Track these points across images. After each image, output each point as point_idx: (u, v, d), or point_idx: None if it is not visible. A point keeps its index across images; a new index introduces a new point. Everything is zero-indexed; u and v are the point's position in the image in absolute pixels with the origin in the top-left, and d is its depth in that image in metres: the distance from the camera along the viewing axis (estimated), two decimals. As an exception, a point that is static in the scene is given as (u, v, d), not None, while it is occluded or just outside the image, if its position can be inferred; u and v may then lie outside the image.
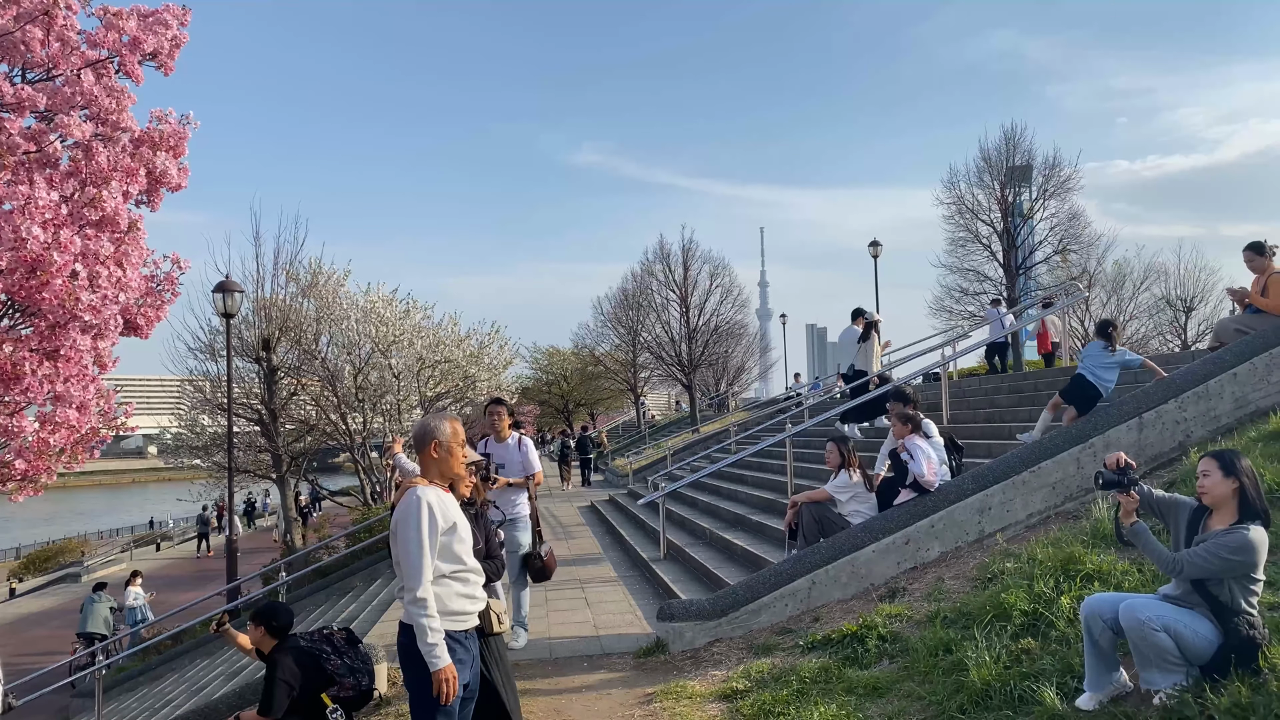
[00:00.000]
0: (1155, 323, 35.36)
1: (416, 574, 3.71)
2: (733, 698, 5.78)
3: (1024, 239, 32.38)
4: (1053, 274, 32.74)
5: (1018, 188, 32.69)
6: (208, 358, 24.30)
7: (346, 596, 14.76)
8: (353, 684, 5.43)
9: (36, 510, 52.24)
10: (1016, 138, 32.18)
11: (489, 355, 26.13)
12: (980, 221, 32.67)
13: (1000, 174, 32.29)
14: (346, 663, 5.48)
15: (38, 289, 5.03)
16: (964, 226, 33.06)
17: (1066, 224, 32.20)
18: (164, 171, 6.28)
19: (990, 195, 32.58)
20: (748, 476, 13.82)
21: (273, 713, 5.18)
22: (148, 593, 20.15)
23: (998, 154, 32.34)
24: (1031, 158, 32.38)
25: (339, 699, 5.34)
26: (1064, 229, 32.19)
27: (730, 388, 45.40)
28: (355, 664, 5.51)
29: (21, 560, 38.99)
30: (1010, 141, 32.22)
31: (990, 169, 32.46)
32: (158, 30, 5.99)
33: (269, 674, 5.28)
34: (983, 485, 7.56)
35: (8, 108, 5.42)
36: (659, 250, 40.84)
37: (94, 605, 17.85)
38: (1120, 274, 34.76)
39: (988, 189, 32.60)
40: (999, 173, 32.34)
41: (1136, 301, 35.03)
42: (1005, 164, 32.28)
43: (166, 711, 11.58)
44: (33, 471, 6.05)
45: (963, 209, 32.89)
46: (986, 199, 32.67)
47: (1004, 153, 32.27)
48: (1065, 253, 32.33)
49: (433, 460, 3.98)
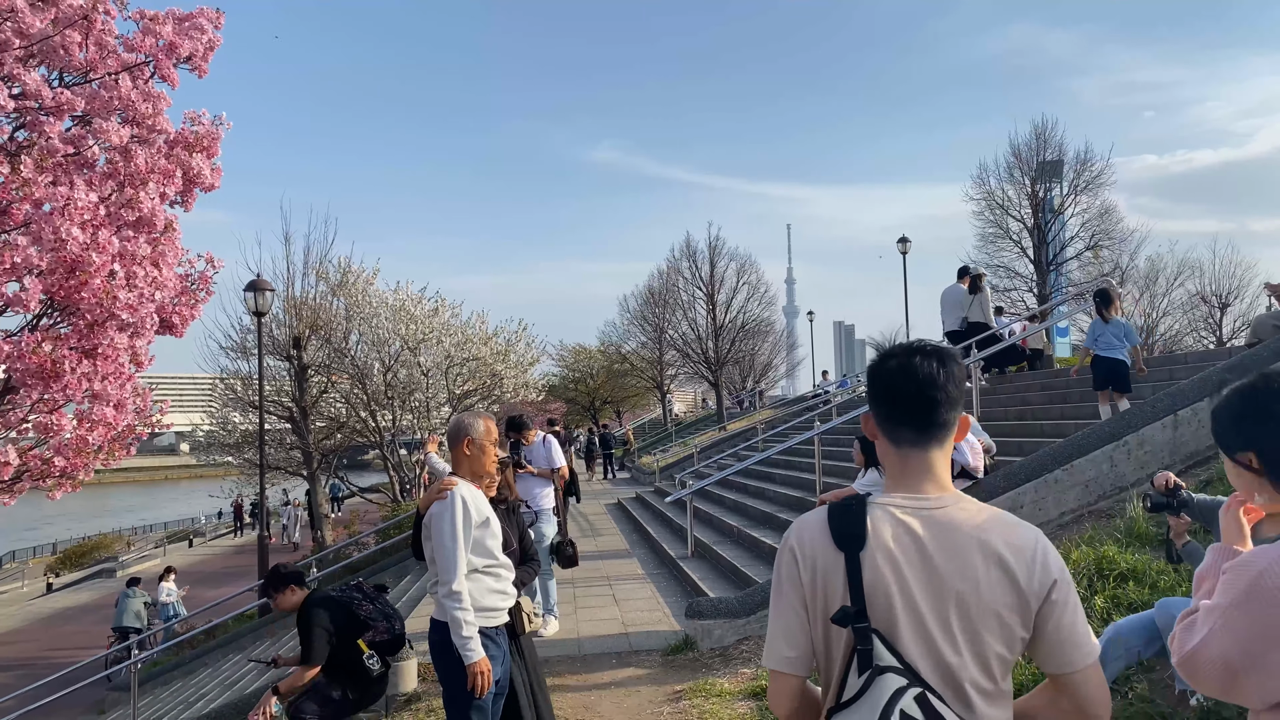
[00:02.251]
0: (1190, 319, 34.93)
1: (451, 567, 3.75)
2: (762, 695, 5.77)
3: (1055, 235, 32.07)
4: (1084, 270, 32.37)
5: (1048, 183, 32.38)
6: (239, 356, 24.62)
7: (376, 592, 14.85)
8: (386, 628, 5.45)
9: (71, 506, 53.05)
10: (1047, 133, 31.89)
11: (516, 353, 26.25)
12: (1010, 217, 32.42)
13: (1031, 169, 32.00)
14: (378, 608, 5.52)
15: (77, 289, 5.12)
16: (994, 222, 32.81)
17: (1098, 219, 31.87)
18: (198, 172, 6.37)
19: (1021, 191, 32.30)
20: (776, 474, 13.79)
21: (314, 660, 5.20)
22: (180, 588, 20.41)
23: (1028, 149, 32.06)
24: (1062, 152, 32.06)
25: (374, 644, 5.36)
26: (1096, 224, 31.86)
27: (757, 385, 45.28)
28: (387, 609, 5.55)
29: (58, 555, 39.65)
30: (1041, 136, 31.93)
31: (1021, 164, 32.18)
32: (193, 34, 6.07)
33: (305, 625, 5.28)
34: (1014, 483, 7.51)
35: (47, 111, 5.52)
36: (685, 247, 40.83)
37: (128, 600, 18.09)
38: (1153, 270, 34.35)
39: (1018, 184, 32.33)
40: (1029, 168, 32.05)
41: (1170, 298, 34.62)
42: (1036, 159, 31.97)
43: (200, 705, 11.74)
44: (71, 468, 6.16)
45: (992, 204, 32.65)
46: (1017, 194, 32.39)
47: (1034, 148, 31.98)
48: (1097, 248, 31.97)
49: (465, 457, 4.03)
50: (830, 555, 1.66)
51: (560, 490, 8.38)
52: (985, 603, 1.61)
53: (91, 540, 41.50)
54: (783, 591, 1.71)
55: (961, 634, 1.61)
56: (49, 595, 31.50)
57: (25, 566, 38.67)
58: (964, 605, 1.61)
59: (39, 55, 5.67)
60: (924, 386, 1.70)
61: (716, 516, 12.40)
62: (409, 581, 14.09)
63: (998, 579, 1.61)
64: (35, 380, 5.18)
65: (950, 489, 1.73)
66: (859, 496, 1.72)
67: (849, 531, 1.66)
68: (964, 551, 1.63)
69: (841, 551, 1.65)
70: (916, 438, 1.72)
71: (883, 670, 1.57)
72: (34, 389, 5.31)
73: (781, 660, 1.70)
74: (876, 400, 1.77)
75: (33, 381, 5.20)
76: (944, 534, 1.64)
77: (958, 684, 1.60)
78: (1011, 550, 1.62)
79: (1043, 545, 1.65)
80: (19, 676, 17.83)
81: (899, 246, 30.21)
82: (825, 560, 1.67)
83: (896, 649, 1.60)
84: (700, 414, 48.69)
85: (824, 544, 1.68)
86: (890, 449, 1.75)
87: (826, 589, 1.66)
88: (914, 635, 1.61)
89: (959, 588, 1.61)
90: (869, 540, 1.65)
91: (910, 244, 30.15)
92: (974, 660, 1.61)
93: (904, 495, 1.71)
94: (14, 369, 5.25)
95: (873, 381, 1.78)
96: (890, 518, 1.67)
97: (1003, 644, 1.62)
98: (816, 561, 1.68)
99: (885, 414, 1.75)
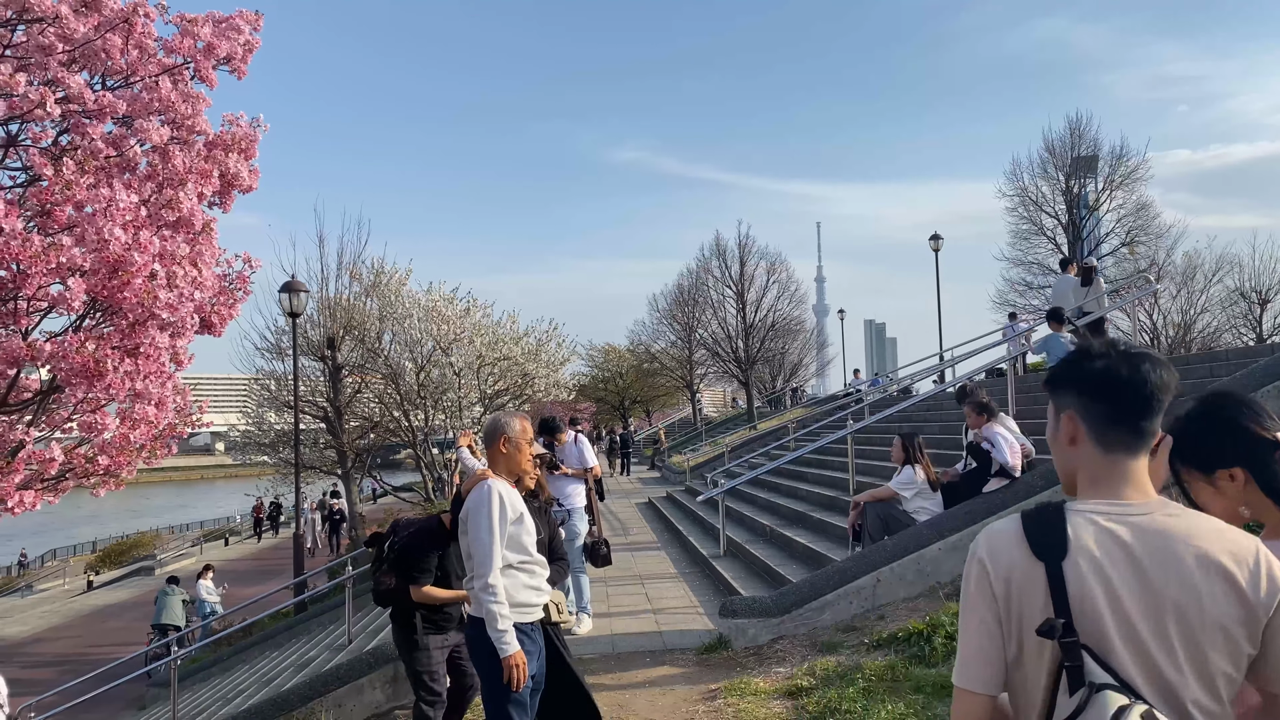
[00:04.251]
0: (1228, 316, 34.29)
1: (487, 561, 3.79)
2: (797, 695, 5.75)
3: (1090, 231, 31.69)
4: (1119, 266, 31.93)
5: (1083, 179, 31.99)
6: (274, 356, 24.92)
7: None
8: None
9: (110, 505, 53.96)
10: (1081, 128, 31.52)
11: (547, 352, 26.33)
12: (1044, 214, 32.08)
13: (1065, 165, 31.63)
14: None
15: (119, 289, 5.19)
16: (1027, 219, 32.49)
17: (1134, 215, 31.45)
18: (236, 173, 6.43)
19: (1055, 187, 31.94)
20: (808, 474, 13.73)
21: (423, 580, 5.33)
22: (219, 586, 20.67)
23: (1062, 145, 31.71)
24: (1097, 148, 31.69)
25: None
26: (1132, 220, 31.44)
27: (788, 384, 45.09)
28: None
29: (98, 554, 40.36)
30: (1075, 132, 31.56)
31: (1055, 160, 31.81)
32: (231, 36, 6.14)
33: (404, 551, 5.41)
34: (1052, 482, 7.41)
35: (90, 114, 5.61)
36: (715, 246, 40.70)
37: (167, 598, 18.35)
38: (1191, 266, 33.78)
39: (1052, 180, 31.96)
40: (1064, 164, 31.68)
41: (1208, 294, 34.02)
42: (1070, 155, 31.60)
43: (239, 701, 11.88)
44: (115, 466, 6.27)
45: (1026, 201, 32.33)
46: (1051, 190, 32.04)
47: (1069, 143, 31.60)
48: (1133, 244, 31.54)
49: (501, 455, 4.07)
50: (1027, 565, 1.57)
51: (592, 489, 8.42)
52: (1209, 616, 1.51)
53: (130, 539, 42.20)
54: (974, 606, 1.62)
55: (1183, 650, 1.51)
56: (90, 592, 32.05)
57: (66, 564, 39.42)
58: (1184, 618, 1.51)
59: (81, 60, 5.76)
60: (1156, 392, 1.62)
61: (748, 516, 12.36)
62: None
63: (1221, 590, 1.51)
64: (79, 380, 5.26)
65: (1154, 495, 1.64)
66: (1055, 504, 1.63)
67: (1049, 540, 1.57)
68: (1180, 560, 1.53)
69: (1041, 561, 1.55)
70: (1133, 442, 1.64)
71: (1099, 688, 1.47)
72: (78, 388, 5.40)
73: (975, 679, 1.61)
74: (1095, 400, 1.66)
75: (77, 381, 5.28)
76: (1156, 542, 1.55)
77: (1179, 704, 1.51)
78: (1233, 559, 1.53)
79: (1264, 553, 1.55)
80: (62, 672, 18.16)
81: (931, 243, 29.96)
82: (1022, 571, 1.57)
83: (1110, 665, 1.50)
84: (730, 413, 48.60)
85: (1020, 554, 1.58)
86: (1096, 453, 1.66)
87: (1023, 602, 1.57)
88: (1129, 650, 1.52)
89: (1178, 599, 1.52)
90: (1071, 549, 1.55)
91: (943, 241, 29.90)
92: (1197, 679, 1.51)
93: (1105, 501, 1.62)
94: (59, 369, 5.34)
95: (1093, 383, 1.67)
96: (1093, 525, 1.58)
97: (1229, 661, 1.52)
98: (1012, 573, 1.58)
99: (1103, 415, 1.65)
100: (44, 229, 5.48)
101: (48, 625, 26.18)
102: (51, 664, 19.95)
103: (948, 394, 14.16)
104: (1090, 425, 1.67)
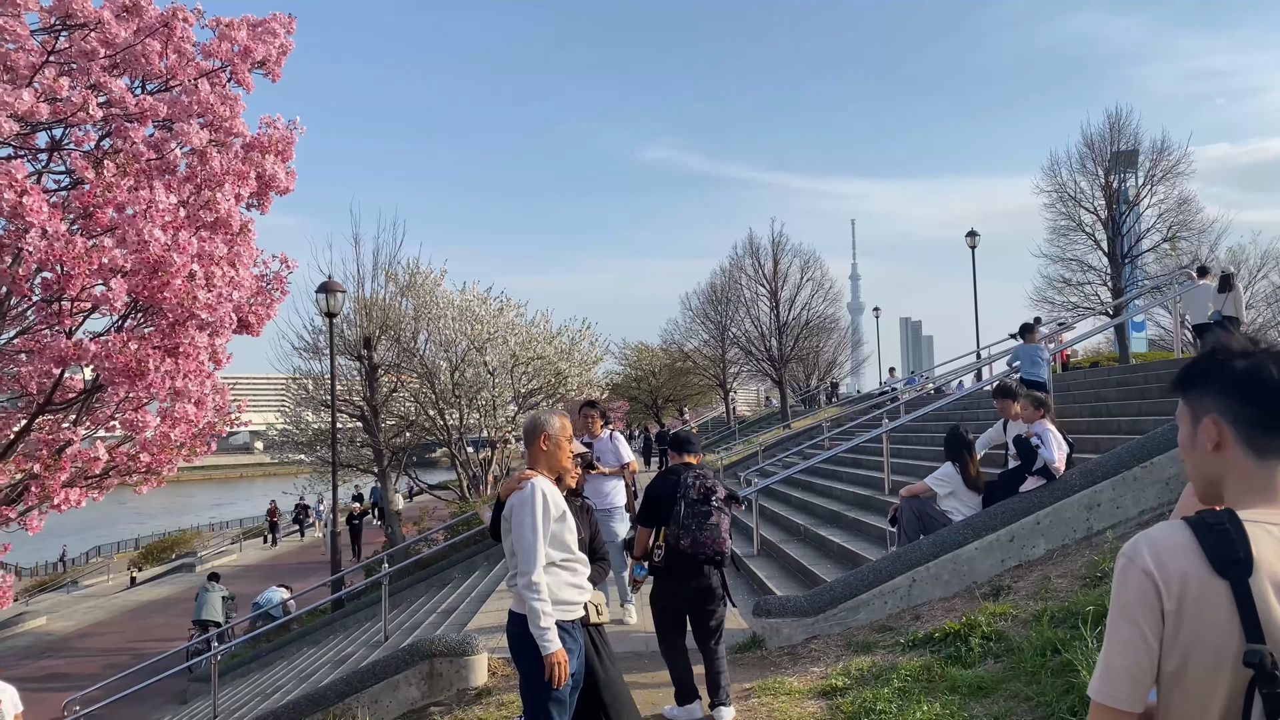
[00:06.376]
0: (1275, 311, 33.63)
1: (531, 558, 3.82)
2: (832, 694, 5.72)
3: (1130, 227, 31.16)
4: (1161, 263, 31.38)
5: (1123, 173, 31.46)
6: (311, 356, 25.22)
7: (445, 588, 15.09)
8: None
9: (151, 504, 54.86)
10: (1121, 122, 30.99)
11: (579, 352, 26.40)
12: (1083, 209, 31.58)
13: (1104, 160, 31.12)
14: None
15: (159, 289, 5.27)
16: (1066, 215, 32.02)
17: (1176, 210, 30.87)
18: (273, 175, 6.52)
19: (1094, 182, 31.45)
20: (842, 473, 13.64)
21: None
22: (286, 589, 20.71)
23: (1101, 139, 31.19)
24: (1138, 142, 31.14)
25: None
26: (1173, 215, 30.87)
27: (822, 383, 44.80)
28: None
29: (140, 550, 41.09)
30: (1115, 126, 31.05)
31: (1094, 154, 31.32)
32: (266, 39, 6.23)
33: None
34: (1091, 481, 7.30)
35: (131, 118, 5.71)
36: (748, 244, 40.52)
37: (208, 594, 18.62)
38: (1235, 262, 33.12)
39: (1091, 175, 31.47)
40: (1103, 158, 31.18)
41: (1253, 290, 33.35)
42: (1110, 149, 31.09)
43: (277, 697, 12.03)
44: (156, 464, 6.38)
45: (1064, 197, 31.85)
46: (1090, 186, 31.55)
47: (1108, 138, 31.09)
48: (1175, 240, 30.98)
49: (542, 453, 4.11)
50: (1206, 581, 1.44)
51: (631, 487, 8.45)
52: None
53: (171, 536, 42.91)
54: (1132, 618, 1.48)
55: None
56: (133, 589, 32.61)
57: (110, 561, 40.11)
58: None
59: (122, 64, 5.87)
60: None
61: (782, 515, 12.31)
62: (477, 578, 14.26)
63: None
64: (122, 379, 5.36)
65: None
66: (1227, 512, 1.51)
67: (1232, 556, 1.44)
68: None
69: (1224, 579, 1.43)
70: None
71: None
72: (120, 387, 5.50)
73: (1122, 696, 1.50)
74: (1244, 402, 1.54)
75: (120, 380, 5.37)
76: None
77: None
78: None
79: None
80: (106, 666, 18.52)
81: (967, 240, 29.64)
82: (1199, 587, 1.44)
83: None
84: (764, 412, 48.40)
85: (1197, 568, 1.45)
86: (1249, 460, 1.55)
87: (1199, 619, 1.45)
88: None
89: None
90: (1257, 565, 1.43)
91: (979, 238, 29.57)
92: None
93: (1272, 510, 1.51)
94: (102, 368, 5.44)
95: (1238, 383, 1.55)
96: (1271, 538, 1.46)
97: None
98: (1187, 589, 1.45)
99: (1255, 420, 1.54)
100: (86, 231, 5.59)
101: (92, 620, 26.69)
102: (96, 658, 20.35)
103: (984, 392, 14.02)
104: (1240, 430, 1.55)
